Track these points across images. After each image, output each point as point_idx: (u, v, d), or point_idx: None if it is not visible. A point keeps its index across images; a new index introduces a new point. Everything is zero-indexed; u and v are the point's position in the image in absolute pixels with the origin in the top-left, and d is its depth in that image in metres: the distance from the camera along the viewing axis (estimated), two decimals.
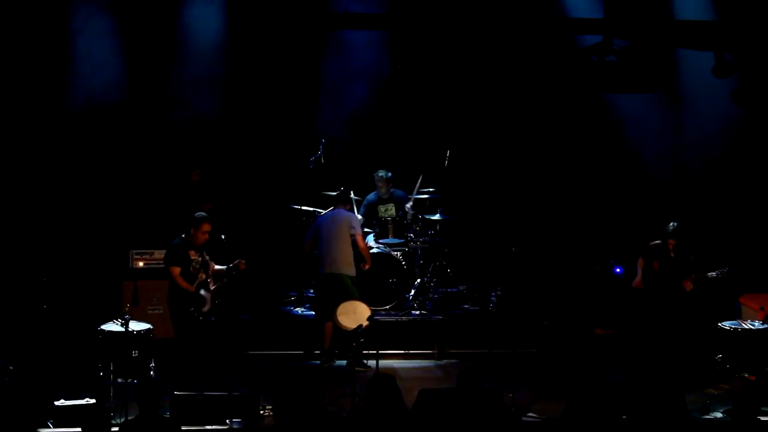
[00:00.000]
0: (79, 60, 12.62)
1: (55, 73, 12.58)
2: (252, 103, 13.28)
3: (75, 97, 12.66)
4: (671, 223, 11.11)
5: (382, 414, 7.50)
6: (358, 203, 12.94)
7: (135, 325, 9.94)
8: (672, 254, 11.00)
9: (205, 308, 10.31)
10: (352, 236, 11.59)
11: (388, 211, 12.88)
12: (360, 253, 11.71)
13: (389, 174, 12.85)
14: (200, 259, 10.45)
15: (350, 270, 11.54)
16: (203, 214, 10.48)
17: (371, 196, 12.97)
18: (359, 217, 12.69)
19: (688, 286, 10.88)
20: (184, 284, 10.30)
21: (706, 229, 13.28)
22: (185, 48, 12.82)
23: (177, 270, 10.33)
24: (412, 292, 12.66)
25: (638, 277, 11.27)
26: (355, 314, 11.19)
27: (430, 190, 13.00)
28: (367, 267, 11.81)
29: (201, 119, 12.96)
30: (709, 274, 10.87)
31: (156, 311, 11.64)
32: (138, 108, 12.85)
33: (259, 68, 13.16)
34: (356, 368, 10.37)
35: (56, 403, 9.47)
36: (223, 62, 12.99)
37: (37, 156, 12.57)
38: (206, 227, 10.38)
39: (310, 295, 12.76)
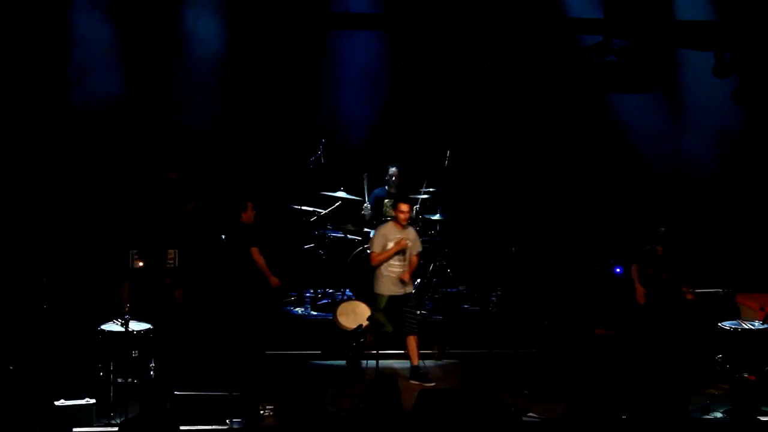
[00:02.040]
0: (80, 62, 12.63)
1: (55, 76, 12.59)
2: (252, 104, 13.28)
3: (76, 99, 12.67)
4: (660, 228, 11.14)
5: (381, 414, 7.51)
6: (361, 202, 12.95)
7: (135, 325, 9.94)
8: (663, 258, 11.02)
9: None
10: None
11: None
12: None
13: (401, 167, 12.87)
14: None
15: (375, 287, 11.19)
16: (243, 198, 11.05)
17: (379, 190, 12.98)
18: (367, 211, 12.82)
19: (690, 296, 10.92)
20: (263, 262, 10.83)
21: (706, 229, 13.31)
22: (185, 48, 12.83)
23: (257, 249, 10.82)
24: (412, 292, 12.64)
25: (638, 289, 11.19)
26: (355, 314, 11.18)
27: (430, 190, 13.00)
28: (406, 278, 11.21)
29: (202, 120, 12.97)
30: (717, 290, 10.88)
31: None
32: (139, 109, 12.86)
33: (259, 68, 13.16)
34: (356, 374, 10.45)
35: (56, 403, 9.47)
36: (223, 62, 12.99)
37: (38, 157, 12.58)
38: (250, 204, 10.94)
39: (310, 295, 12.77)
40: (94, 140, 12.73)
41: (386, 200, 12.93)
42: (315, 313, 12.50)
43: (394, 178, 12.90)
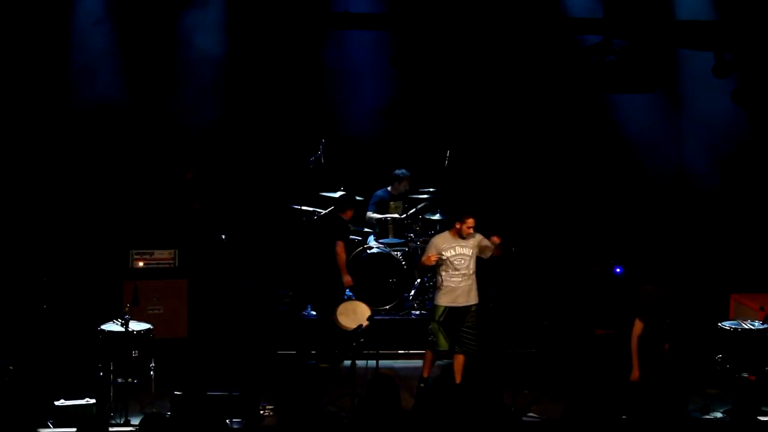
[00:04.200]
0: (80, 61, 12.64)
1: (55, 75, 12.59)
2: (252, 104, 13.28)
3: (76, 99, 12.67)
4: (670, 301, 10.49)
5: (380, 414, 7.51)
6: (361, 202, 12.95)
7: (135, 325, 9.95)
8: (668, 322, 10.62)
9: None
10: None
11: (398, 208, 12.90)
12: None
13: (410, 173, 12.91)
14: None
15: (434, 298, 10.82)
16: (350, 196, 11.95)
17: (381, 192, 12.98)
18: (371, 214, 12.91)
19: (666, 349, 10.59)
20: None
21: (705, 228, 13.32)
22: (186, 49, 12.83)
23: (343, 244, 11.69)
24: (412, 292, 12.65)
25: (636, 369, 10.15)
26: (355, 314, 11.19)
27: (430, 190, 13.00)
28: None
29: (202, 120, 12.98)
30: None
31: (156, 311, 11.64)
32: (139, 109, 12.87)
33: (259, 69, 13.16)
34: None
35: (56, 403, 9.48)
36: (223, 63, 12.99)
37: (38, 156, 12.58)
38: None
39: None
40: (94, 141, 12.74)
41: (391, 202, 12.92)
42: (315, 313, 12.49)
43: (405, 182, 12.88)
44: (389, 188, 13.00)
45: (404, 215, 12.80)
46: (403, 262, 12.52)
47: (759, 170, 13.42)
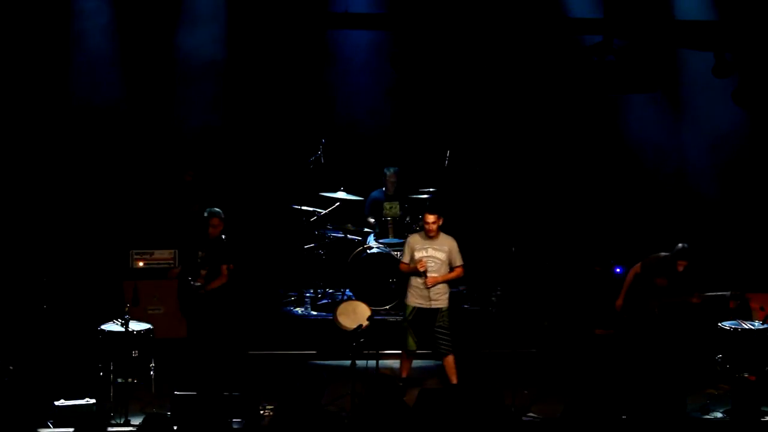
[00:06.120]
0: (80, 61, 12.65)
1: (55, 75, 12.60)
2: (252, 104, 13.29)
3: (76, 99, 12.68)
4: (681, 245, 10.72)
5: (381, 414, 7.51)
6: (361, 202, 12.95)
7: (135, 325, 9.95)
8: (682, 274, 10.72)
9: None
10: None
11: (393, 209, 12.87)
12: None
13: (398, 169, 12.87)
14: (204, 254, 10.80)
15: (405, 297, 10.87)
16: (214, 210, 10.70)
17: (376, 193, 12.98)
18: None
19: (696, 300, 10.74)
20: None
21: (707, 229, 13.32)
22: (185, 49, 12.83)
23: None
24: None
25: (621, 296, 10.87)
26: (355, 314, 11.18)
27: (430, 190, 13.00)
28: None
29: (202, 119, 12.99)
30: (723, 293, 10.71)
31: (156, 311, 11.64)
32: (139, 109, 12.87)
33: (259, 69, 13.17)
34: None
35: (56, 403, 9.48)
36: (223, 63, 12.99)
37: (38, 156, 12.59)
38: (212, 222, 10.70)
39: (310, 295, 12.78)
40: (95, 141, 12.75)
41: (385, 203, 12.91)
42: (315, 313, 12.51)
43: (391, 180, 12.89)
44: (383, 188, 13.01)
45: (402, 215, 12.81)
46: None
47: (759, 170, 13.43)
